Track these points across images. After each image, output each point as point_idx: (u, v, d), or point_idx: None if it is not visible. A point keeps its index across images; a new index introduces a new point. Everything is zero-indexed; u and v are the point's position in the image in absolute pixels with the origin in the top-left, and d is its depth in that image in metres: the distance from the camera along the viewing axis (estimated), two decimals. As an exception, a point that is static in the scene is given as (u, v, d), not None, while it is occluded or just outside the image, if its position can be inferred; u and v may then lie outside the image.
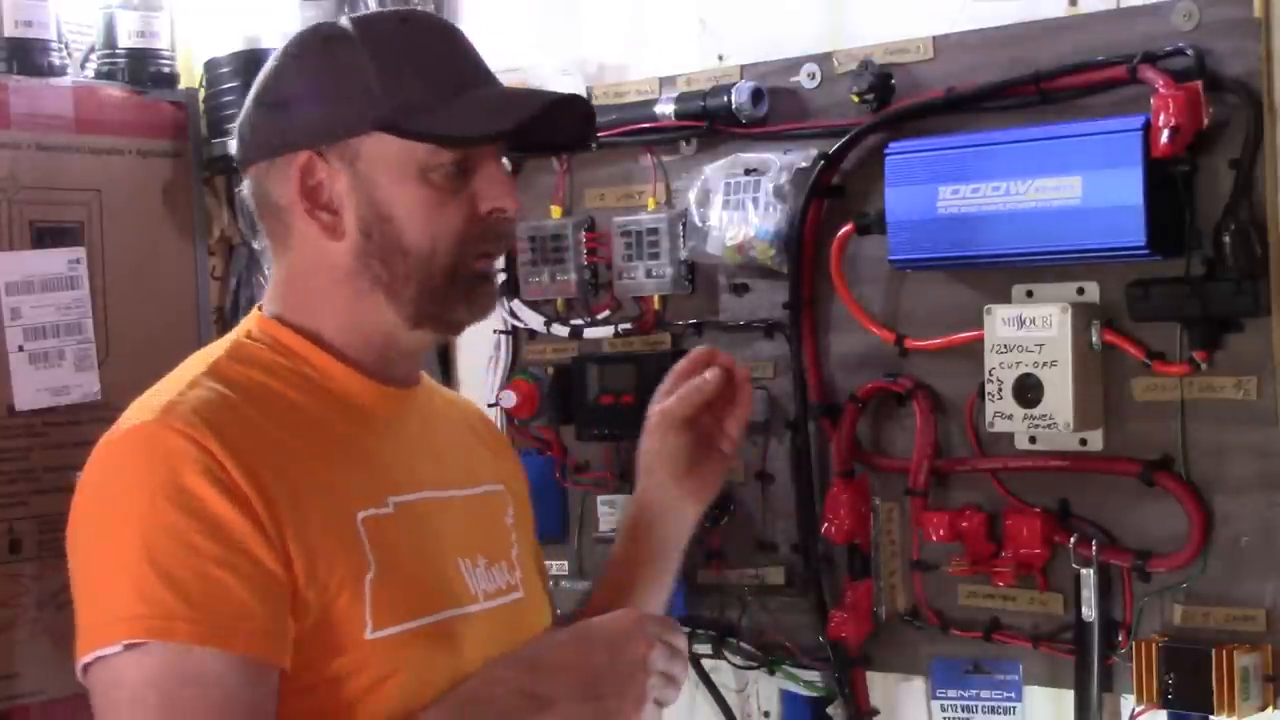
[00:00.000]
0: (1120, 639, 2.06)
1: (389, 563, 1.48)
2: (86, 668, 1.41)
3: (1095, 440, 2.08)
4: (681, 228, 2.40)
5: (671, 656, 1.56)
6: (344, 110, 1.53)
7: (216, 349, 1.58)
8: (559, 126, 1.65)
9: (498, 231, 1.59)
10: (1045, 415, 2.04)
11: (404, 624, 1.47)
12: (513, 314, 2.63)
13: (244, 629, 1.39)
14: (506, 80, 1.67)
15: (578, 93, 1.64)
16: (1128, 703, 2.06)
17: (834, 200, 2.29)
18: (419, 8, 2.65)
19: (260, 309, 1.62)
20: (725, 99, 2.34)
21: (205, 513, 1.39)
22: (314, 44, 1.58)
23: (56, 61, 2.63)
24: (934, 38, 2.21)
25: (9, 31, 2.57)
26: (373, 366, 1.58)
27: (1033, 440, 2.12)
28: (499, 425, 2.47)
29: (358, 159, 1.53)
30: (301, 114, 1.55)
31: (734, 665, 2.43)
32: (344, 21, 1.58)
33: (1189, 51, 1.95)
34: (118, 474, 1.44)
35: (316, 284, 1.58)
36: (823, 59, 2.31)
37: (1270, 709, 1.96)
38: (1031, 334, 2.05)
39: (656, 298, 2.47)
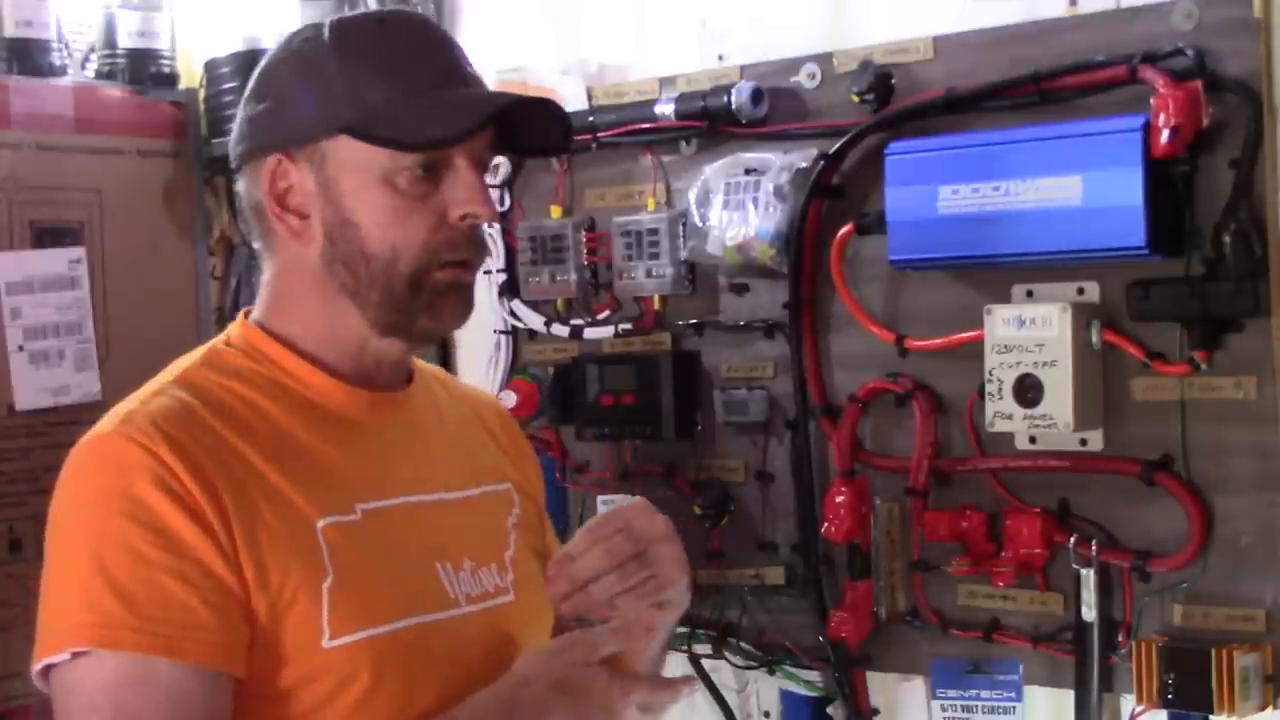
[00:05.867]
0: (1120, 639, 2.06)
1: (350, 570, 1.47)
2: (46, 676, 1.43)
3: (1095, 440, 2.08)
4: (681, 228, 2.40)
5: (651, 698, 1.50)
6: (310, 113, 1.52)
7: (193, 355, 1.58)
8: (538, 130, 1.60)
9: (469, 238, 1.53)
10: (1045, 415, 2.04)
11: (363, 631, 1.46)
12: (513, 314, 2.63)
13: (193, 638, 1.40)
14: (507, 80, 1.66)
15: (549, 97, 1.55)
16: (1128, 703, 2.06)
17: (834, 200, 2.29)
18: (409, 8, 2.65)
19: (246, 314, 1.62)
20: (725, 99, 2.34)
21: (157, 523, 1.40)
22: (293, 46, 1.57)
23: (56, 61, 2.63)
24: (934, 38, 2.21)
25: (9, 31, 2.57)
26: (350, 372, 1.57)
27: (1033, 440, 2.12)
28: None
29: (325, 162, 1.52)
30: (274, 116, 1.55)
31: (734, 665, 2.43)
32: (325, 23, 1.56)
33: (1189, 51, 1.95)
34: (76, 484, 1.46)
35: (292, 289, 1.57)
36: (823, 59, 2.31)
37: (1270, 709, 1.96)
38: (1031, 334, 2.05)
39: (657, 298, 2.47)
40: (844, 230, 2.25)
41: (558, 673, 1.46)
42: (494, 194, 2.54)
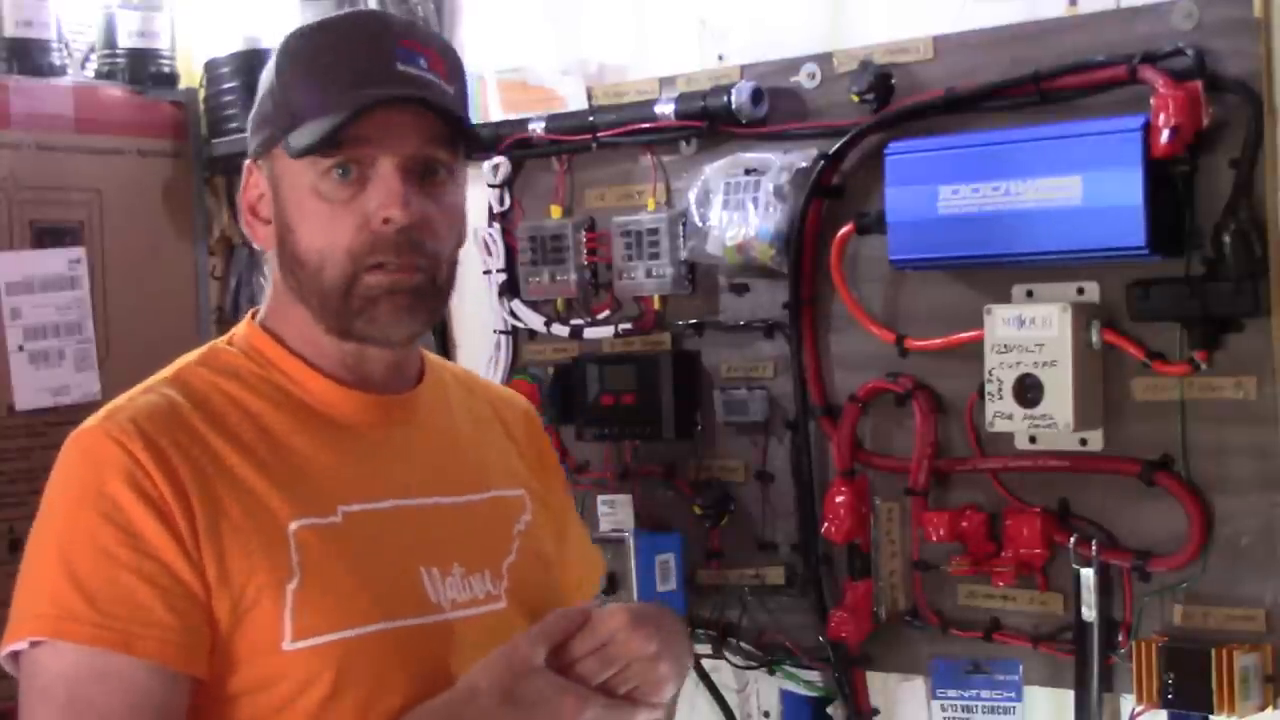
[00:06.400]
0: (1120, 639, 2.06)
1: (319, 573, 1.46)
2: (16, 660, 1.45)
3: (1095, 440, 2.08)
4: (681, 228, 2.40)
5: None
6: (259, 124, 1.56)
7: (193, 353, 1.60)
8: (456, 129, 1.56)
9: (394, 242, 1.49)
10: (1045, 415, 2.04)
11: (327, 635, 1.45)
12: (513, 314, 2.63)
13: (150, 635, 1.40)
14: (507, 80, 1.65)
15: (432, 92, 1.50)
16: (1128, 703, 2.06)
17: (834, 200, 2.29)
18: (407, 8, 2.65)
19: (253, 315, 1.63)
20: (725, 99, 2.34)
21: (124, 520, 1.42)
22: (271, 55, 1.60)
23: (56, 61, 2.64)
24: (934, 38, 2.21)
25: (9, 31, 2.57)
26: (343, 373, 1.57)
27: (1033, 440, 2.11)
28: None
29: (273, 170, 1.55)
30: (250, 126, 1.59)
31: (734, 665, 2.43)
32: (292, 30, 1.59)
33: (1189, 51, 1.95)
34: (59, 476, 1.48)
35: (281, 293, 1.59)
36: (823, 59, 2.31)
37: (1270, 709, 1.96)
38: (1031, 334, 2.05)
39: (656, 298, 2.47)
40: (844, 230, 2.25)
41: (507, 683, 1.42)
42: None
